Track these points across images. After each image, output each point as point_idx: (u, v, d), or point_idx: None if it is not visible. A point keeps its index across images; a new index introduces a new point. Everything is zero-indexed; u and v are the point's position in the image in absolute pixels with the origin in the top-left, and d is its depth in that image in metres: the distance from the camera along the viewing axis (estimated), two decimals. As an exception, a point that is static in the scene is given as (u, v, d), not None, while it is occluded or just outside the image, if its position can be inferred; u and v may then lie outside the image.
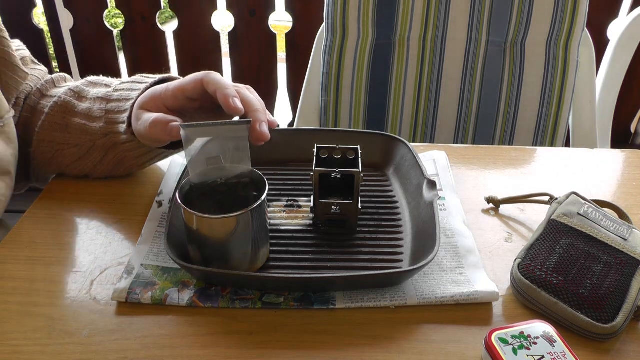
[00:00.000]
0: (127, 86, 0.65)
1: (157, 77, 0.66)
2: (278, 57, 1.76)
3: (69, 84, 0.74)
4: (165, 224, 0.56)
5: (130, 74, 1.84)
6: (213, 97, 0.56)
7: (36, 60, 0.75)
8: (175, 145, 0.65)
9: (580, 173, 0.75)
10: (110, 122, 0.64)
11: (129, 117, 0.62)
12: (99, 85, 0.69)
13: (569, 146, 1.15)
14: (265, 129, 0.54)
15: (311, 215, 0.63)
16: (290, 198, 0.67)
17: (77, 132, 0.66)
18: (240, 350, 0.48)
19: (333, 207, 0.61)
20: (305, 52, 1.23)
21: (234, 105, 0.53)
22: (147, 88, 0.63)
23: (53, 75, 0.74)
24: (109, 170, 0.69)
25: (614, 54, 1.15)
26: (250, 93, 0.58)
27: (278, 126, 0.59)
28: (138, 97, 0.62)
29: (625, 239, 0.56)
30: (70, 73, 1.83)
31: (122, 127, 0.62)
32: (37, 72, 0.73)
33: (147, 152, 0.66)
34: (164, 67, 1.80)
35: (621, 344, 0.50)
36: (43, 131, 0.68)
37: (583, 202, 0.61)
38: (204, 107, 0.59)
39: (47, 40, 1.83)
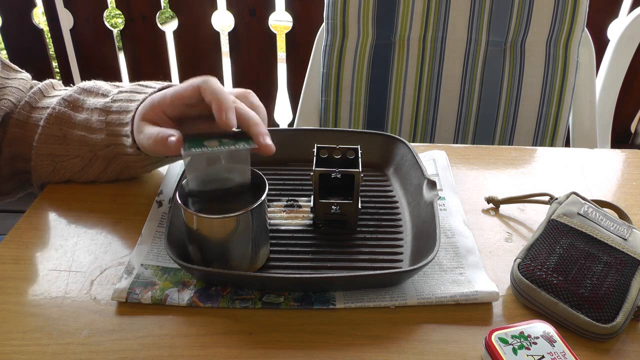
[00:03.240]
0: (125, 96, 0.63)
1: (157, 86, 0.63)
2: (278, 57, 1.76)
3: (59, 92, 0.71)
4: (165, 224, 0.56)
5: (130, 73, 1.85)
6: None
7: (14, 66, 0.71)
8: None
9: (580, 173, 0.75)
10: (111, 134, 0.62)
11: (132, 131, 0.60)
12: (94, 94, 0.66)
13: (569, 146, 1.15)
14: (269, 140, 0.52)
15: (311, 215, 0.63)
16: (290, 198, 0.67)
17: (77, 144, 0.65)
18: (240, 350, 0.48)
19: (333, 207, 0.61)
20: (305, 52, 1.23)
21: (225, 119, 0.51)
22: (146, 99, 0.61)
23: (40, 85, 0.71)
24: (114, 176, 0.68)
25: (614, 54, 1.15)
26: (249, 105, 0.55)
27: (278, 125, 0.58)
28: (137, 107, 0.60)
29: (625, 239, 0.56)
30: (70, 73, 1.83)
31: (127, 141, 0.61)
32: (16, 83, 0.69)
33: (152, 162, 0.66)
34: (163, 67, 1.81)
35: (621, 344, 0.50)
36: (41, 144, 0.66)
37: (583, 202, 0.61)
38: (203, 114, 0.57)
39: (47, 40, 1.83)
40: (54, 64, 1.89)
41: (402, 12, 1.06)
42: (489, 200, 0.68)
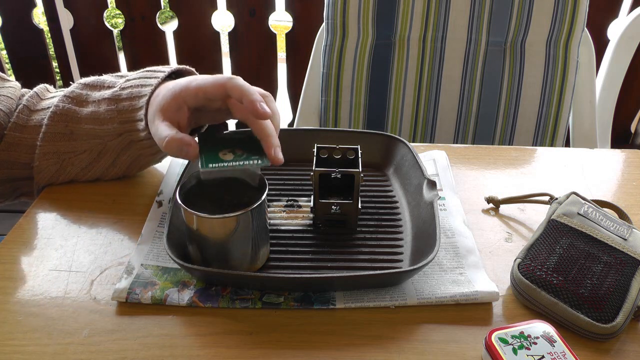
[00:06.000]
0: (135, 82, 0.63)
1: (167, 70, 0.64)
2: (278, 57, 1.76)
3: (56, 92, 0.71)
4: (165, 224, 0.56)
5: (130, 73, 1.84)
6: (231, 102, 0.56)
7: (3, 75, 0.71)
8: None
9: (580, 173, 0.75)
10: (123, 121, 0.62)
11: (146, 115, 0.60)
12: (98, 88, 0.66)
13: (569, 146, 1.15)
14: (279, 154, 0.54)
15: (311, 215, 0.63)
16: (290, 198, 0.67)
17: (85, 138, 0.65)
18: (240, 350, 0.48)
19: (333, 207, 0.61)
20: (305, 52, 1.23)
21: (262, 110, 0.53)
22: (160, 83, 0.61)
23: (35, 89, 0.71)
24: (122, 171, 0.68)
25: (614, 54, 1.15)
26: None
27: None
28: (152, 92, 0.60)
29: (625, 239, 0.56)
30: (70, 73, 1.83)
31: (141, 125, 0.61)
32: (5, 91, 0.69)
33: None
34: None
35: (621, 344, 0.50)
36: (46, 143, 0.65)
37: (583, 202, 0.61)
38: (222, 108, 0.59)
39: (47, 40, 1.83)
40: (54, 64, 1.89)
41: (402, 12, 1.06)
42: (489, 200, 0.68)
